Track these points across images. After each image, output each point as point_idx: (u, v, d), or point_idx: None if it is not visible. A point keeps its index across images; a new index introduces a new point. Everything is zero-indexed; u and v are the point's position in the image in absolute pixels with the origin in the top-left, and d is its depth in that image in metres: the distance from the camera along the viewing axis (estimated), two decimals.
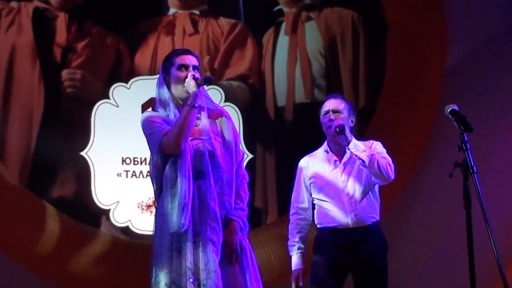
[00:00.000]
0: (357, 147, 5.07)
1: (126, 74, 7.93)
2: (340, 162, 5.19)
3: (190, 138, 3.97)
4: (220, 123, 4.14)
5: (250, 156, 7.82)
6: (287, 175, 7.80)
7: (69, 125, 7.80)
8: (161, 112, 4.09)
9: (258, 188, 7.90)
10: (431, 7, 7.95)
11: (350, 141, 5.06)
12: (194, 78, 4.00)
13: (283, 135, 8.00)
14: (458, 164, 4.18)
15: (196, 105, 3.92)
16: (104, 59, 7.95)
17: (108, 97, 7.78)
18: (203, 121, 4.02)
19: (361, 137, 5.93)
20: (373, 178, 5.11)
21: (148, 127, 4.03)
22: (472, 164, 4.15)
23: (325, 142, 5.30)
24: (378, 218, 5.19)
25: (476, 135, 4.41)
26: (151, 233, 4.45)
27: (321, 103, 5.32)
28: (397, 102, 7.87)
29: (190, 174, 3.90)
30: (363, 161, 5.03)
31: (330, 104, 5.23)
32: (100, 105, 7.77)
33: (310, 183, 5.24)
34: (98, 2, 8.01)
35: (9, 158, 7.63)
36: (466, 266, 4.14)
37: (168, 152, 3.92)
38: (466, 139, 4.21)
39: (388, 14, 8.02)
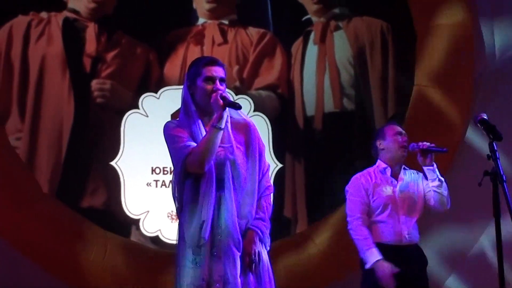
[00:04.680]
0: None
1: (155, 83, 7.97)
2: (397, 182, 5.31)
3: None
4: (245, 133, 4.05)
5: (280, 165, 7.81)
6: (316, 185, 7.83)
7: (98, 135, 7.84)
8: (184, 121, 4.01)
9: (287, 198, 7.91)
10: (460, 14, 7.89)
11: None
12: (221, 97, 3.89)
13: (312, 145, 7.98)
14: (488, 172, 4.17)
15: (222, 127, 3.85)
16: (133, 69, 7.98)
17: (137, 107, 7.82)
18: (226, 129, 3.94)
19: None
20: (436, 203, 5.29)
21: (172, 140, 3.97)
22: (502, 173, 4.14)
23: (380, 162, 5.38)
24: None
25: (505, 144, 4.39)
26: None
27: (350, 113, 5.33)
28: (426, 111, 7.82)
29: (214, 191, 3.86)
30: (442, 184, 5.22)
31: (397, 127, 5.42)
32: (129, 115, 7.81)
33: (372, 201, 5.27)
34: (128, 12, 8.04)
35: (39, 168, 7.67)
36: (495, 275, 4.13)
37: (192, 171, 3.88)
38: (495, 148, 4.20)
39: (417, 23, 7.99)
